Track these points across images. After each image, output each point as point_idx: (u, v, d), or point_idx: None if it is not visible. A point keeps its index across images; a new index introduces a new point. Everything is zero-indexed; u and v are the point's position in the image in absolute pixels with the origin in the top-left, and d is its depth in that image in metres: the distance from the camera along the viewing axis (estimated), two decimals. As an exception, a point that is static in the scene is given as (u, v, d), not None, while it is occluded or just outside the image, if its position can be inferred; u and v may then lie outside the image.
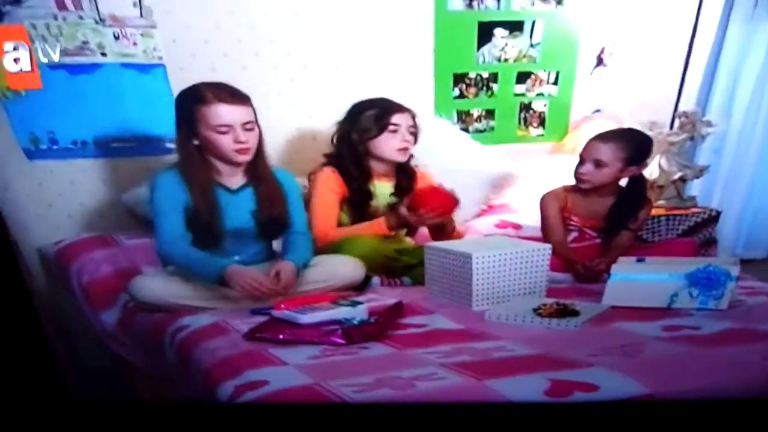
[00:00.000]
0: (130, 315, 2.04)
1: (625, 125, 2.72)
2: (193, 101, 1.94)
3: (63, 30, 2.36)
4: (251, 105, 1.99)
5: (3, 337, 1.45)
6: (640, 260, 1.92)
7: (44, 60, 2.33)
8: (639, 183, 2.27)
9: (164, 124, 2.30)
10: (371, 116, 2.31)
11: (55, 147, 2.44)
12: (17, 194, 2.40)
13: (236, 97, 1.95)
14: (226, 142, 1.93)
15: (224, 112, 1.92)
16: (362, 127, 2.32)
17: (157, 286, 1.92)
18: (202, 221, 1.95)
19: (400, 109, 2.34)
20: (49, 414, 1.28)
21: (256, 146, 1.99)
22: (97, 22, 2.40)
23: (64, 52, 2.36)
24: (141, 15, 2.46)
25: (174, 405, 1.65)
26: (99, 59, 2.42)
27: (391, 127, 2.31)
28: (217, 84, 1.97)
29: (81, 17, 2.38)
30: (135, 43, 2.46)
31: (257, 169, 2.04)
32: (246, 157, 1.98)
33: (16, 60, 2.20)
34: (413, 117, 2.36)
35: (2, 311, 1.47)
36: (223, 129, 1.92)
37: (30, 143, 2.41)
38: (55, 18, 2.35)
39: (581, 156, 2.22)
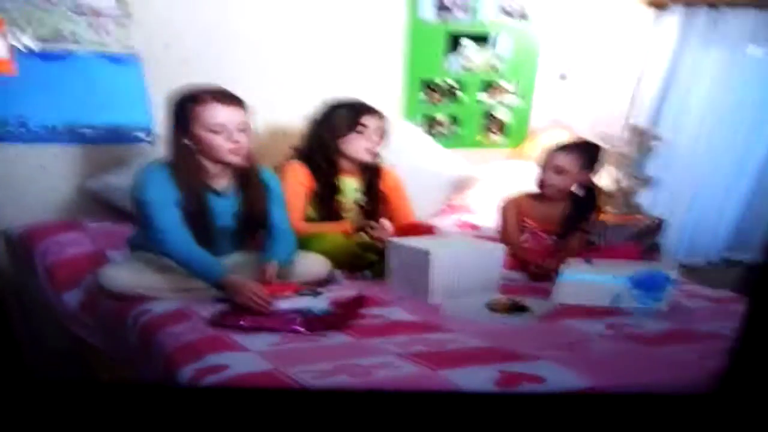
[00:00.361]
0: (94, 297, 2.00)
1: (578, 136, 2.79)
2: (189, 101, 1.91)
3: (36, 17, 2.31)
4: (245, 108, 1.96)
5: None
6: (587, 261, 1.97)
7: (18, 46, 2.28)
8: (590, 189, 2.36)
9: (135, 113, 2.27)
10: (342, 116, 2.33)
11: (23, 130, 2.37)
12: None
13: (232, 99, 1.92)
14: (219, 141, 1.90)
15: (221, 113, 1.89)
16: (333, 125, 2.33)
17: (126, 276, 1.88)
18: (192, 222, 1.91)
19: (370, 111, 2.35)
20: (9, 392, 1.25)
21: (247, 147, 1.96)
22: (71, 11, 2.36)
23: (38, 39, 2.32)
24: (116, 4, 2.41)
25: (134, 386, 1.63)
26: (72, 47, 2.38)
27: (359, 128, 2.32)
28: (211, 86, 1.94)
29: (55, 4, 2.33)
30: (108, 33, 2.42)
31: (246, 170, 2.00)
32: (238, 158, 1.93)
33: None
34: (383, 119, 2.37)
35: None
36: (218, 129, 1.89)
37: None
38: (30, 4, 2.29)
39: (543, 165, 2.29)
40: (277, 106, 2.72)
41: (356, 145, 2.34)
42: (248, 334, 1.52)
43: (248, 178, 2.01)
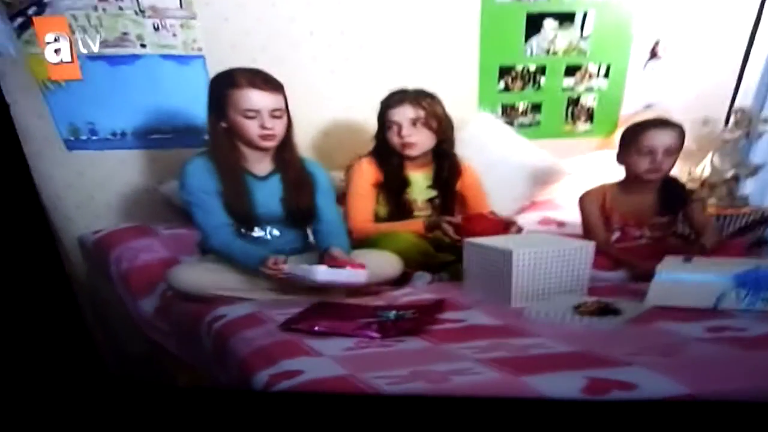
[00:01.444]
0: (168, 303, 2.11)
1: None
2: (226, 84, 2.01)
3: (103, 21, 2.42)
4: (283, 93, 2.05)
5: (45, 321, 1.53)
6: (687, 259, 1.92)
7: (84, 51, 2.39)
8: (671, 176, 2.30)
9: (203, 115, 2.35)
10: (379, 111, 2.37)
11: (94, 138, 2.52)
12: (58, 184, 2.50)
13: (268, 83, 2.01)
14: (252, 127, 2.01)
15: (253, 97, 1.99)
16: (378, 121, 2.37)
17: (196, 275, 1.99)
18: (233, 205, 2.03)
19: (397, 102, 2.33)
20: (89, 389, 1.34)
21: (282, 134, 2.06)
22: (137, 13, 2.46)
23: (104, 43, 2.43)
24: (181, 6, 2.51)
25: (210, 391, 1.72)
26: (138, 50, 2.48)
27: (388, 124, 2.34)
28: (251, 70, 2.03)
29: (121, 8, 2.44)
30: (174, 35, 2.51)
31: (284, 156, 2.11)
32: (270, 144, 2.05)
33: (56, 51, 2.24)
34: (421, 107, 2.32)
35: (45, 298, 1.55)
36: (251, 114, 2.00)
37: (70, 134, 2.49)
38: (95, 9, 2.40)
39: (647, 148, 2.20)
40: (345, 102, 2.79)
41: (393, 141, 2.34)
42: (322, 338, 1.56)
43: (288, 163, 2.10)
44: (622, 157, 2.27)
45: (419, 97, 2.34)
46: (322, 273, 1.86)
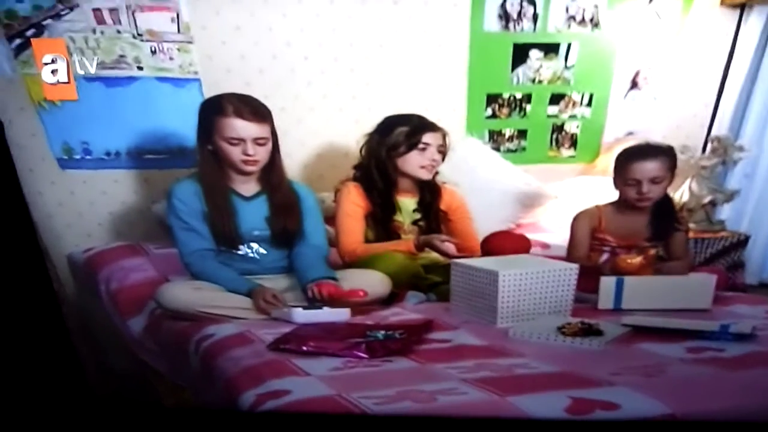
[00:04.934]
0: (157, 323, 2.08)
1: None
2: (213, 111, 2.05)
3: (101, 43, 2.43)
4: (270, 122, 2.08)
5: (31, 339, 1.50)
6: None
7: (81, 72, 2.40)
8: (667, 196, 2.31)
9: (196, 137, 2.35)
10: (403, 132, 2.33)
11: (88, 157, 2.52)
12: (49, 202, 2.50)
13: (255, 114, 2.03)
14: (235, 152, 2.04)
15: (238, 127, 2.02)
16: (392, 142, 2.34)
17: (184, 294, 1.97)
18: (218, 224, 2.05)
19: (432, 128, 2.36)
20: (74, 410, 1.31)
21: (266, 160, 2.09)
22: (134, 37, 2.47)
23: (101, 65, 2.44)
24: (178, 30, 2.52)
25: (197, 411, 1.69)
26: (135, 72, 2.50)
27: (421, 146, 2.33)
28: (241, 98, 2.06)
29: (119, 31, 2.45)
30: (171, 58, 2.53)
31: (271, 178, 2.13)
32: (252, 168, 2.07)
33: (53, 72, 2.26)
34: (444, 136, 2.38)
35: (31, 316, 1.52)
36: (235, 141, 2.03)
37: (63, 153, 2.49)
38: (94, 32, 2.42)
39: (634, 179, 2.20)
40: (339, 126, 2.80)
41: (414, 164, 2.34)
42: (310, 358, 1.54)
43: (274, 184, 2.13)
44: (615, 184, 2.29)
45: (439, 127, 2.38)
46: (302, 316, 1.86)
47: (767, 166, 3.26)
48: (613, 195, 2.31)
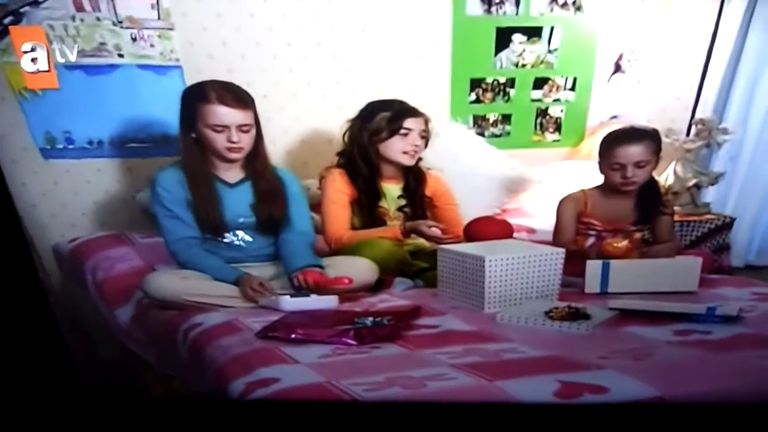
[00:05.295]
0: (144, 312, 2.07)
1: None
2: (196, 98, 2.02)
3: (80, 31, 2.39)
4: (253, 108, 2.06)
5: (19, 330, 1.48)
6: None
7: (61, 60, 2.35)
8: (653, 179, 2.31)
9: (179, 125, 2.33)
10: (384, 118, 2.32)
11: (70, 147, 2.48)
12: (33, 193, 2.46)
13: (238, 101, 2.02)
14: (219, 140, 2.02)
15: (222, 113, 2.00)
16: (374, 128, 2.32)
17: (171, 283, 1.95)
18: (202, 212, 2.03)
19: (413, 113, 2.34)
20: (62, 399, 1.30)
21: (250, 146, 2.07)
22: (114, 24, 2.43)
23: (81, 53, 2.40)
24: (159, 17, 2.49)
25: (186, 401, 1.68)
26: (116, 60, 2.45)
27: (402, 131, 2.32)
28: (223, 84, 2.04)
29: (98, 19, 2.41)
30: (152, 45, 2.49)
31: (255, 164, 2.11)
32: (237, 155, 2.05)
33: (33, 60, 2.16)
34: (426, 122, 2.37)
35: (18, 306, 1.50)
36: (219, 128, 2.01)
37: (46, 143, 2.45)
38: (73, 19, 2.38)
39: (618, 163, 2.20)
40: (322, 112, 2.77)
41: (396, 149, 2.33)
42: (298, 346, 1.54)
43: (258, 170, 2.11)
44: (600, 168, 2.28)
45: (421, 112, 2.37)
46: (289, 303, 1.85)
47: (752, 148, 3.26)
48: (599, 179, 2.31)
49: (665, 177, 3.02)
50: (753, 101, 3.23)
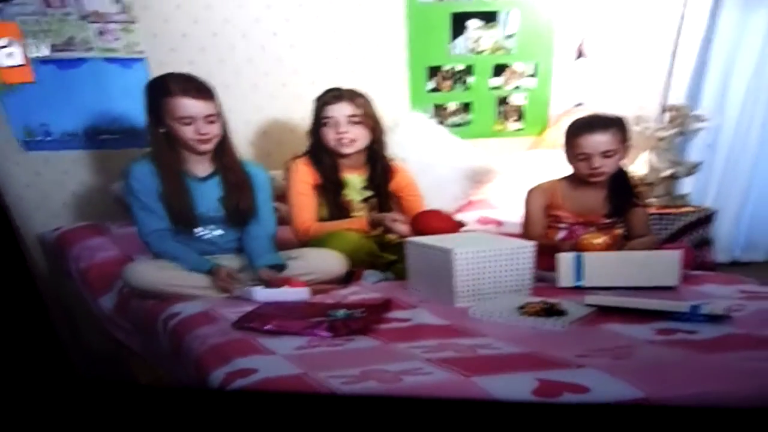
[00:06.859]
0: (126, 300, 2.00)
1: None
2: (160, 93, 1.94)
3: (51, 26, 2.34)
4: (215, 99, 1.97)
5: (10, 319, 1.38)
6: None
7: (36, 55, 2.32)
8: (622, 169, 2.11)
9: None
10: (314, 108, 2.21)
11: (48, 138, 2.42)
12: (17, 184, 2.40)
13: (200, 92, 1.93)
14: (188, 132, 1.93)
15: (187, 105, 1.91)
16: (312, 118, 2.22)
17: (148, 273, 1.89)
18: (173, 206, 1.95)
19: (334, 100, 2.18)
20: (55, 389, 1.23)
21: (218, 137, 1.98)
22: (81, 18, 2.37)
23: (53, 48, 2.35)
24: (123, 10, 2.42)
25: (169, 390, 1.63)
26: (85, 54, 2.40)
27: (324, 120, 2.18)
28: (184, 77, 1.96)
29: (66, 14, 2.35)
30: (117, 38, 2.43)
31: (223, 158, 2.02)
32: (207, 147, 1.97)
33: (9, 55, 2.24)
34: (356, 106, 2.18)
35: (9, 295, 1.41)
36: (186, 121, 1.92)
37: (26, 135, 2.39)
38: (44, 14, 2.33)
39: (584, 153, 2.01)
40: (282, 102, 2.66)
41: (329, 138, 2.19)
42: (274, 337, 1.45)
43: (226, 164, 2.03)
44: (567, 158, 2.09)
45: (354, 95, 2.20)
46: (262, 294, 1.78)
47: (731, 135, 2.96)
48: (567, 169, 2.11)
49: (638, 167, 2.77)
50: (729, 84, 2.93)
